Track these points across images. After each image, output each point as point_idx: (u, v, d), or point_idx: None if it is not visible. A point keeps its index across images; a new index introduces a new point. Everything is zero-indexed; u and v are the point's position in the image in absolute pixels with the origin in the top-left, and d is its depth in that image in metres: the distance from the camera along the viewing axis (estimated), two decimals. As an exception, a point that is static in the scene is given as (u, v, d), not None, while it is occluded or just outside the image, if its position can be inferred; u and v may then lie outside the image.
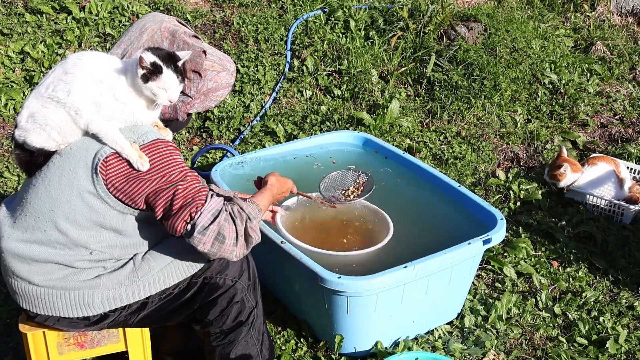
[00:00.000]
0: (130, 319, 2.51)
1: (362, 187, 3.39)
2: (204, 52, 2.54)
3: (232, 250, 2.33)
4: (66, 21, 5.55)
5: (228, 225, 2.30)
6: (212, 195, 2.33)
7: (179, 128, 2.71)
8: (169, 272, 2.47)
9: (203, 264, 2.52)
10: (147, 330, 2.67)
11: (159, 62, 2.28)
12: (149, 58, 2.26)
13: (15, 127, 2.35)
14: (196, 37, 2.54)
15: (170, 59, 2.32)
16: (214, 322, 2.59)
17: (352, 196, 3.36)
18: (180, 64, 2.35)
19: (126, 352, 2.67)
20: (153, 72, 2.27)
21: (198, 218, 2.26)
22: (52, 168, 2.33)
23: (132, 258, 2.48)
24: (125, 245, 2.42)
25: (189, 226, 2.27)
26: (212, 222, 2.27)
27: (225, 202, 2.37)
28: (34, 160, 2.35)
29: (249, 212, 2.38)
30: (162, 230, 2.41)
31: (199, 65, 2.51)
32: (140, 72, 2.27)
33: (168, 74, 2.30)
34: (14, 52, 5.27)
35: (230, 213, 2.33)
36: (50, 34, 5.45)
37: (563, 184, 4.37)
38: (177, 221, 2.27)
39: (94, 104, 2.27)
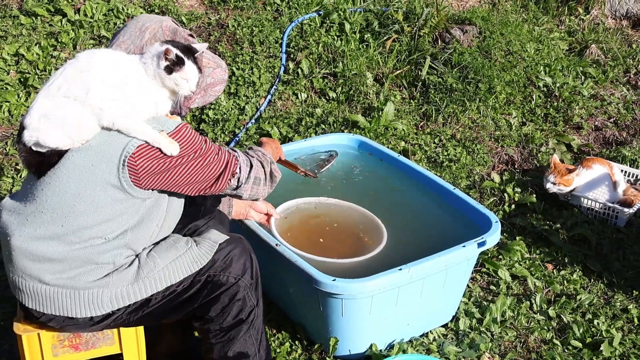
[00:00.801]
0: (133, 316, 2.52)
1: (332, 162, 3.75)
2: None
3: (264, 190, 2.69)
4: (61, 23, 5.55)
5: (259, 169, 2.66)
6: (239, 152, 2.62)
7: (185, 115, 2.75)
8: (174, 269, 2.49)
9: (207, 260, 2.53)
10: (141, 332, 2.66)
11: (180, 54, 2.35)
12: (173, 49, 2.33)
13: (21, 130, 2.32)
14: (192, 36, 2.57)
15: (189, 51, 2.40)
16: (215, 319, 2.59)
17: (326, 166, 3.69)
18: (197, 55, 2.43)
19: (121, 355, 2.67)
20: (176, 63, 2.34)
21: (240, 173, 2.56)
22: (69, 166, 2.31)
23: (137, 255, 2.49)
24: (135, 228, 2.43)
25: (234, 182, 2.55)
26: (249, 172, 2.59)
27: (248, 152, 2.75)
28: (46, 161, 2.32)
29: (270, 156, 2.76)
30: (170, 215, 2.55)
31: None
32: (164, 64, 2.33)
33: (189, 65, 2.38)
34: (8, 54, 5.26)
35: (258, 159, 2.69)
36: (45, 36, 5.44)
37: (570, 188, 4.36)
38: (222, 183, 2.52)
39: (116, 100, 2.29)
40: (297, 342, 3.24)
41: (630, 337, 3.38)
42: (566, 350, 3.30)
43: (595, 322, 3.44)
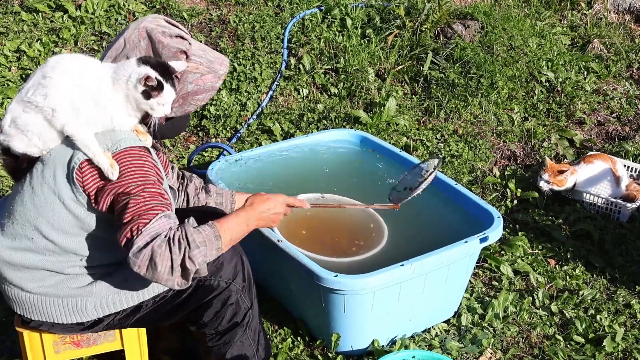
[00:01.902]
0: (125, 321, 2.50)
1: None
2: (185, 52, 2.43)
3: (167, 280, 2.16)
4: (62, 19, 5.54)
5: (162, 252, 2.12)
6: (161, 217, 2.17)
7: (167, 135, 2.65)
8: None
9: None
10: (143, 328, 2.66)
11: (160, 78, 2.25)
12: (152, 74, 2.22)
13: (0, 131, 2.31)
14: (181, 37, 2.44)
15: (167, 72, 2.29)
16: (209, 323, 2.58)
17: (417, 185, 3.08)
18: (174, 76, 2.33)
19: (122, 351, 2.67)
20: (155, 88, 2.24)
21: (136, 238, 2.12)
22: (35, 175, 2.29)
23: (123, 264, 2.37)
24: (112, 248, 2.31)
25: (129, 243, 2.14)
26: (144, 246, 2.12)
27: (177, 226, 2.21)
28: (18, 166, 2.32)
29: (194, 239, 2.18)
30: None
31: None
32: (141, 88, 2.22)
33: (167, 89, 2.27)
34: (10, 50, 5.26)
35: (169, 239, 2.14)
36: (46, 32, 5.44)
37: (564, 187, 4.35)
38: (120, 235, 2.16)
39: (72, 109, 2.21)
40: (299, 338, 3.23)
41: (633, 332, 3.37)
42: (569, 346, 3.29)
43: (598, 317, 3.44)
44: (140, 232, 2.12)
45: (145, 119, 2.36)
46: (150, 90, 2.24)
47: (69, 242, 2.30)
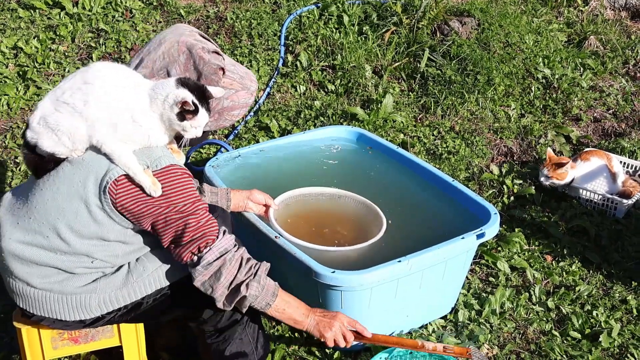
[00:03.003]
0: (125, 318, 2.52)
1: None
2: (222, 69, 2.46)
3: (223, 293, 2.35)
4: (59, 16, 5.54)
5: (231, 266, 2.33)
6: (225, 233, 2.36)
7: (194, 144, 2.66)
8: (163, 272, 2.46)
9: None
10: (141, 324, 2.67)
11: (196, 102, 2.26)
12: (189, 98, 2.24)
13: (26, 126, 2.30)
14: (217, 52, 2.47)
15: (204, 97, 2.30)
16: (209, 320, 2.59)
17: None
18: (210, 101, 2.35)
19: (120, 347, 2.67)
20: (190, 112, 2.26)
21: (206, 253, 2.30)
22: (61, 176, 2.28)
23: (129, 264, 2.47)
24: (127, 253, 2.41)
25: (195, 257, 2.31)
26: (217, 259, 2.31)
27: (238, 245, 2.40)
28: (43, 165, 2.30)
29: (260, 277, 2.39)
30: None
31: (214, 82, 2.44)
32: (177, 110, 2.24)
33: (202, 113, 2.29)
34: (7, 47, 5.25)
35: (242, 259, 2.37)
36: (43, 29, 5.43)
37: (565, 181, 4.36)
38: (184, 252, 2.30)
39: (110, 124, 2.22)
40: (296, 334, 3.24)
41: (629, 327, 3.39)
42: (565, 342, 3.30)
43: (594, 313, 3.45)
44: (209, 248, 2.30)
45: (177, 136, 2.40)
46: (185, 113, 2.25)
47: (82, 245, 2.31)
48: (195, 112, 2.26)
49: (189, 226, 2.28)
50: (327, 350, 3.12)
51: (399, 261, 2.88)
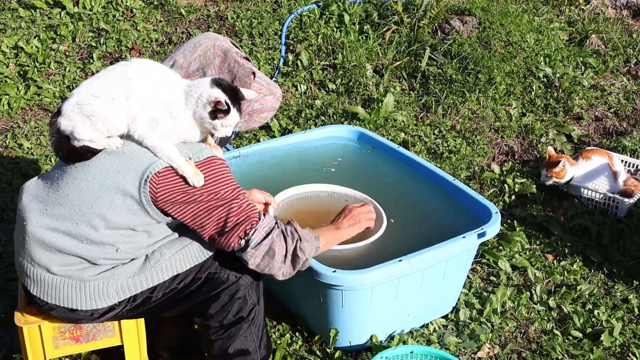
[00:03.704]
0: (132, 313, 2.54)
1: None
2: (254, 73, 2.59)
3: (280, 268, 2.46)
4: (60, 16, 5.54)
5: (279, 242, 2.43)
6: (265, 215, 2.46)
7: (223, 144, 2.75)
8: (181, 259, 2.50)
9: (212, 252, 2.55)
10: (142, 324, 2.67)
11: (229, 102, 2.34)
12: (223, 98, 2.32)
13: (57, 113, 2.34)
14: (247, 59, 2.59)
15: (236, 98, 2.39)
16: (215, 316, 2.60)
17: None
18: (242, 103, 2.43)
19: (121, 347, 2.67)
20: (222, 111, 2.34)
21: (253, 235, 2.38)
22: (98, 165, 2.33)
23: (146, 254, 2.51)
24: (149, 245, 2.46)
25: (242, 242, 2.39)
26: (264, 238, 2.40)
27: (278, 221, 2.51)
28: (78, 153, 2.35)
29: (303, 234, 2.51)
30: (187, 232, 2.50)
31: (247, 85, 2.56)
32: (209, 108, 2.32)
33: (233, 113, 2.37)
34: (7, 47, 5.26)
35: (282, 231, 2.46)
36: (44, 28, 5.44)
37: (565, 179, 4.36)
38: (231, 237, 2.38)
39: (151, 120, 2.31)
40: (297, 334, 3.24)
41: (631, 327, 3.38)
42: (566, 341, 3.30)
43: (596, 312, 3.45)
44: (255, 229, 2.39)
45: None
46: (218, 112, 2.33)
47: (110, 235, 2.36)
48: (227, 111, 2.34)
49: (232, 211, 2.37)
50: (327, 350, 3.12)
51: (400, 260, 2.88)
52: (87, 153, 2.34)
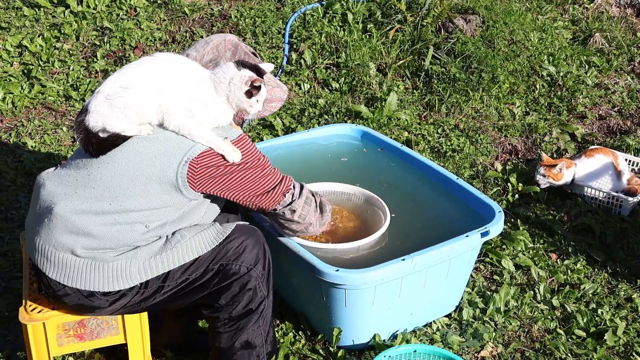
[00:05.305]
0: (142, 305, 2.56)
1: None
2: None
3: (314, 215, 2.77)
4: (64, 15, 5.55)
5: (309, 193, 2.76)
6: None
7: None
8: (200, 241, 2.55)
9: (225, 235, 2.59)
10: (146, 322, 2.67)
11: (259, 79, 2.51)
12: (255, 76, 2.49)
13: (83, 112, 2.41)
14: (255, 54, 2.76)
15: (260, 74, 2.54)
16: (225, 307, 2.62)
17: None
18: (264, 77, 2.59)
19: (125, 345, 2.68)
20: (256, 87, 2.50)
21: (294, 189, 2.67)
22: (132, 150, 2.43)
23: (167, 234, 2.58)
24: (175, 222, 2.55)
25: (288, 196, 2.66)
26: (301, 191, 2.71)
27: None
28: (109, 141, 2.42)
29: (322, 200, 2.86)
30: (207, 216, 2.67)
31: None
32: (245, 88, 2.48)
33: (263, 88, 2.54)
34: (11, 45, 5.27)
35: (309, 189, 2.78)
36: (48, 27, 5.45)
37: (560, 182, 4.35)
38: (277, 195, 2.63)
39: (186, 111, 2.43)
40: (300, 333, 3.24)
41: (635, 326, 3.38)
42: (570, 340, 3.30)
43: (599, 311, 3.44)
44: (293, 184, 2.69)
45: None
46: (253, 90, 2.49)
47: (143, 214, 2.45)
48: (258, 87, 2.51)
49: (270, 175, 2.61)
50: (330, 349, 3.13)
51: (403, 259, 2.88)
52: (118, 139, 2.42)
